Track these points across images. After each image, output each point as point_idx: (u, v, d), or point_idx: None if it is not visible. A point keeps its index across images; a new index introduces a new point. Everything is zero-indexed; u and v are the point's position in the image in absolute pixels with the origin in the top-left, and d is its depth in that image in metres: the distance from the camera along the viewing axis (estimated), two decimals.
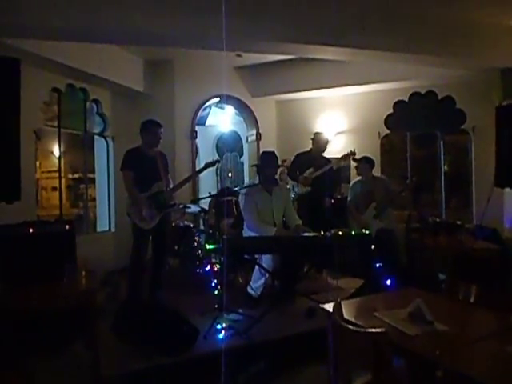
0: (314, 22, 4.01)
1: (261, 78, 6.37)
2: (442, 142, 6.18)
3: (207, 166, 4.03)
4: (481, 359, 1.54)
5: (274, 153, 3.99)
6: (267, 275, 3.75)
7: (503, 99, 4.33)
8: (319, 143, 4.96)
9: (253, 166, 5.52)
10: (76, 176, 12.07)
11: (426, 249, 4.15)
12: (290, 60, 5.79)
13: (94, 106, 5.69)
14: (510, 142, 3.71)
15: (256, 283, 3.81)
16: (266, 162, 3.90)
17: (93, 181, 6.28)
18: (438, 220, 4.92)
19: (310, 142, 5.11)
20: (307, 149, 5.09)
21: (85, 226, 5.92)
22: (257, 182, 3.95)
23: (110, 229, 5.89)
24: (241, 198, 3.91)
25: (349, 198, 4.91)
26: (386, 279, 3.78)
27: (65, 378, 2.58)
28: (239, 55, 5.55)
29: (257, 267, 3.77)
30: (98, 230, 6.03)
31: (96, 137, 5.88)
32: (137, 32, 3.77)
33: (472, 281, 3.41)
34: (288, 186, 4.66)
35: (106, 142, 5.89)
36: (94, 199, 6.43)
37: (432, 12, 4.29)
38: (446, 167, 6.34)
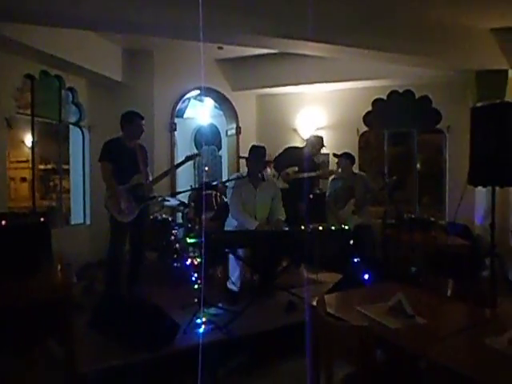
0: (295, 17, 4.01)
1: (242, 72, 6.33)
2: (416, 140, 6.34)
3: (188, 159, 3.96)
4: (461, 351, 1.59)
5: (263, 147, 3.95)
6: (241, 263, 3.73)
7: (478, 100, 4.46)
8: (314, 146, 4.92)
9: (241, 157, 5.46)
10: (48, 167, 11.63)
11: (402, 244, 4.26)
12: (272, 54, 5.77)
13: (70, 94, 5.51)
14: (483, 142, 3.84)
15: (233, 275, 3.79)
16: (255, 155, 3.87)
17: (66, 172, 6.09)
18: (412, 216, 5.05)
19: (294, 138, 5.10)
20: (300, 145, 5.07)
21: (58, 218, 5.74)
22: (245, 174, 3.93)
23: (84, 221, 5.74)
24: (228, 189, 3.89)
25: (327, 194, 4.96)
26: (364, 274, 3.85)
27: (39, 376, 2.50)
28: (221, 48, 5.49)
29: (232, 258, 3.76)
30: (72, 222, 5.87)
31: (71, 127, 5.70)
32: (114, 18, 3.65)
33: (447, 275, 3.53)
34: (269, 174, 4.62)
35: (82, 132, 5.72)
36: (67, 191, 6.24)
37: (411, 13, 4.38)
38: (419, 165, 6.51)
